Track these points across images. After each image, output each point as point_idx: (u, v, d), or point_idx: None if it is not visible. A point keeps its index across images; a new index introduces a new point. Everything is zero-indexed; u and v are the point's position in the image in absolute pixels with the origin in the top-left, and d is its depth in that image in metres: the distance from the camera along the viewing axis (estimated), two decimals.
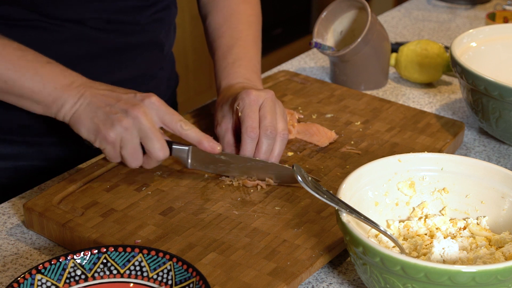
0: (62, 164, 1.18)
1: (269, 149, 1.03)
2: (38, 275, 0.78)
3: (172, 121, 0.98)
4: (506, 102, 1.10)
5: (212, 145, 0.99)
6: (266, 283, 0.84)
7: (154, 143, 0.97)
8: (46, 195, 0.98)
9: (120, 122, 0.95)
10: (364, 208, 0.88)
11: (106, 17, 1.11)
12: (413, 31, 1.68)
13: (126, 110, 0.95)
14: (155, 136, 0.96)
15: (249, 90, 1.04)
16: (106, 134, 0.95)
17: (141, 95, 0.98)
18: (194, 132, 0.99)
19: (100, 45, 1.13)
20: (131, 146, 0.97)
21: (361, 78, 1.37)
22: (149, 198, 0.99)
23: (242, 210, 0.97)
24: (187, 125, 0.98)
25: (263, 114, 1.03)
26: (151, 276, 0.81)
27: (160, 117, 0.97)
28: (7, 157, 1.17)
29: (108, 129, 0.95)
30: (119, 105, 0.96)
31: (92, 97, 0.97)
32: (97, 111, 0.96)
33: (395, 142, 1.14)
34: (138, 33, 1.17)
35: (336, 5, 1.37)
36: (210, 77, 3.10)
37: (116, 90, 0.99)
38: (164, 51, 1.26)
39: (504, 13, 1.58)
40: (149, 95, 0.98)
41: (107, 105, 0.96)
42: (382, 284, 0.79)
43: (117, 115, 0.95)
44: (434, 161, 0.93)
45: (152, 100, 0.97)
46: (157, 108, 0.97)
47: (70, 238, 0.93)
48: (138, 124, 0.95)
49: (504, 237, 0.87)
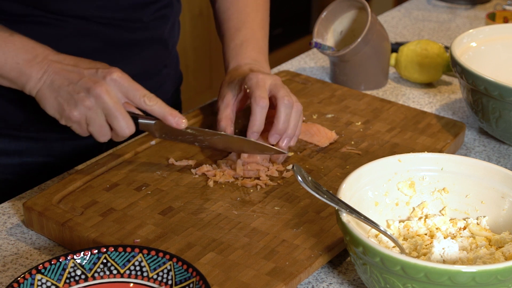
0: (67, 160, 1.19)
1: (287, 119, 1.05)
2: (38, 275, 0.78)
3: (136, 96, 0.97)
4: (506, 102, 1.10)
5: (178, 121, 0.99)
6: (265, 283, 0.84)
7: (119, 120, 0.96)
8: (46, 195, 0.98)
9: (83, 102, 0.95)
10: (364, 208, 0.88)
11: (109, 14, 1.12)
12: (413, 31, 1.68)
13: (88, 89, 0.95)
14: (119, 114, 0.96)
15: (256, 72, 1.07)
16: (70, 114, 0.96)
17: (102, 71, 0.97)
18: (159, 107, 0.98)
19: (103, 41, 1.14)
20: (97, 124, 0.96)
21: (361, 78, 1.37)
22: (148, 198, 0.99)
23: (242, 210, 0.97)
24: (151, 100, 0.98)
25: (276, 89, 1.06)
26: (151, 276, 0.80)
27: (124, 92, 0.97)
28: (12, 153, 1.18)
29: (72, 109, 0.95)
30: (81, 83, 0.95)
31: (55, 74, 0.97)
32: (59, 90, 0.96)
33: (395, 142, 1.14)
34: (141, 30, 1.18)
35: (336, 5, 1.37)
36: (210, 77, 3.10)
37: (79, 64, 0.98)
38: (168, 48, 1.26)
39: (504, 13, 1.58)
40: (110, 71, 0.97)
41: (70, 83, 0.96)
42: (382, 284, 0.79)
43: (80, 95, 0.95)
44: (434, 161, 0.93)
45: (113, 76, 0.96)
46: (119, 84, 0.96)
47: (69, 237, 0.92)
48: (101, 103, 0.95)
49: (504, 237, 0.87)
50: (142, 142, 1.11)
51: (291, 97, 1.06)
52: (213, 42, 3.03)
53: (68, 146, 1.20)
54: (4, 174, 1.19)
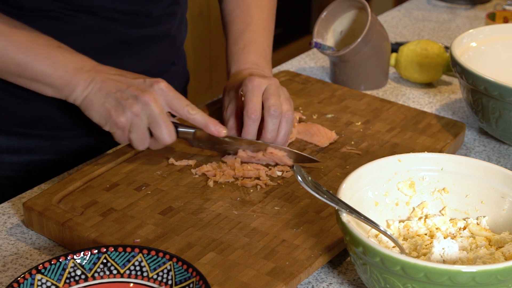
0: (75, 158, 1.19)
1: (275, 129, 1.06)
2: (38, 275, 0.78)
3: (180, 106, 1.01)
4: (506, 102, 1.10)
5: (218, 129, 1.03)
6: (265, 283, 0.84)
7: (162, 129, 1.00)
8: (46, 194, 0.98)
9: (130, 108, 0.98)
10: (364, 208, 0.88)
11: (121, 8, 1.13)
12: (413, 31, 1.68)
13: (136, 96, 0.99)
14: (163, 122, 1.00)
15: (253, 77, 1.08)
16: (117, 120, 0.99)
17: (150, 81, 1.01)
18: (201, 116, 1.02)
19: (113, 37, 1.15)
20: (140, 131, 1.00)
21: (361, 78, 1.37)
22: (148, 198, 0.99)
23: (242, 210, 0.97)
24: (193, 109, 1.02)
25: (266, 96, 1.07)
26: (151, 276, 0.80)
27: (168, 102, 1.01)
28: (21, 151, 1.18)
29: (119, 114, 0.99)
30: (129, 90, 0.99)
31: (103, 82, 1.00)
32: (107, 96, 0.99)
33: (395, 142, 1.14)
34: (150, 25, 1.19)
35: (336, 5, 1.37)
36: (210, 77, 3.10)
37: (125, 74, 1.02)
38: (176, 45, 1.28)
39: (504, 13, 1.58)
40: (157, 81, 1.01)
41: (118, 90, 0.99)
42: (382, 284, 0.79)
43: (128, 101, 0.98)
44: (434, 161, 0.93)
45: (161, 86, 1.00)
46: (165, 93, 1.00)
47: (69, 237, 0.92)
48: (148, 110, 0.99)
49: (504, 237, 0.87)
50: None
51: (280, 106, 1.06)
52: (213, 42, 3.03)
53: (77, 144, 1.20)
54: (13, 171, 1.19)
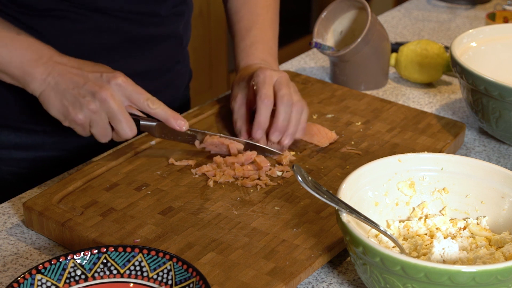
0: (80, 155, 1.20)
1: (287, 118, 1.08)
2: (38, 275, 0.78)
3: (140, 100, 1.01)
4: (506, 102, 1.10)
5: (179, 123, 1.03)
6: (265, 283, 0.84)
7: (122, 124, 1.00)
8: (46, 194, 0.98)
9: (88, 106, 0.98)
10: (364, 208, 0.88)
11: (128, 7, 1.13)
12: (413, 31, 1.68)
13: (93, 93, 0.98)
14: (123, 118, 0.99)
15: (264, 68, 1.10)
16: (75, 117, 0.99)
17: (107, 75, 1.00)
18: (162, 110, 1.02)
19: (120, 36, 1.15)
20: (100, 127, 1.00)
21: (361, 78, 1.37)
22: (148, 198, 0.99)
23: (242, 210, 0.97)
24: (154, 103, 1.01)
25: (278, 87, 1.08)
26: (151, 276, 0.80)
27: (128, 96, 1.00)
28: (27, 147, 1.19)
29: (77, 112, 0.99)
30: (87, 87, 0.98)
31: (60, 76, 0.99)
32: (65, 92, 0.99)
33: (395, 142, 1.14)
34: (158, 25, 1.19)
35: (336, 5, 1.37)
36: (210, 77, 3.10)
37: (83, 67, 1.01)
38: (182, 44, 1.29)
39: (504, 13, 1.58)
40: (115, 76, 1.00)
41: (75, 86, 0.99)
42: (382, 284, 0.79)
43: (86, 99, 0.98)
44: (434, 161, 0.93)
45: (118, 81, 0.99)
46: (124, 88, 1.00)
47: (69, 237, 0.92)
48: (106, 107, 0.98)
49: (504, 237, 0.87)
50: (142, 142, 1.11)
51: (292, 96, 1.08)
52: (213, 42, 3.03)
53: (83, 140, 1.20)
54: (19, 168, 1.20)
